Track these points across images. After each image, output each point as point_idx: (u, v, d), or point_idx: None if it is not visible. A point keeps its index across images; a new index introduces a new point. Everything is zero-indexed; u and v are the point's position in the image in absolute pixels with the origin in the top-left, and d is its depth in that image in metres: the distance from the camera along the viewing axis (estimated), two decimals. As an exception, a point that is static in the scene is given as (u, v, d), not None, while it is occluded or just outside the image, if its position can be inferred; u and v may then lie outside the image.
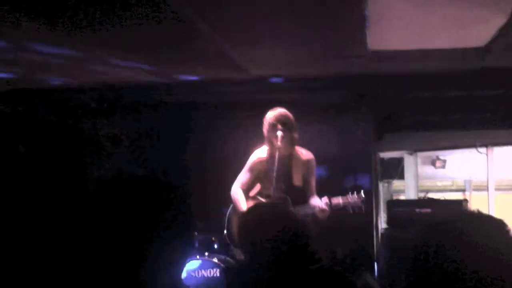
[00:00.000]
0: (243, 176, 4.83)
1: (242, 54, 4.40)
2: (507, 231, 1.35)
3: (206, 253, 5.19)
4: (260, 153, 4.80)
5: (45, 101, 5.76)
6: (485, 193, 7.53)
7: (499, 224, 1.38)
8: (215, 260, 5.08)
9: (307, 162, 4.75)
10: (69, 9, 3.33)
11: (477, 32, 3.99)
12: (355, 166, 5.91)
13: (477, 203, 7.75)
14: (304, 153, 4.76)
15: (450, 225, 1.39)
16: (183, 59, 4.56)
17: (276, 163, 4.45)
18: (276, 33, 3.89)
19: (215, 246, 5.31)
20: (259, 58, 4.53)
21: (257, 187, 4.86)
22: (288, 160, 4.64)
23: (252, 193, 4.86)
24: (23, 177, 5.29)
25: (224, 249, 5.24)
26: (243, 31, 3.84)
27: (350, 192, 4.56)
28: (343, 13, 3.52)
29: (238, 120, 5.69)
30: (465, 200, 5.75)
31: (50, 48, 4.22)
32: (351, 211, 4.53)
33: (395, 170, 8.00)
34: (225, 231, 4.99)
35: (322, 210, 4.50)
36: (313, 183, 4.76)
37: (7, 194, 4.95)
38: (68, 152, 5.82)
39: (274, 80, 5.33)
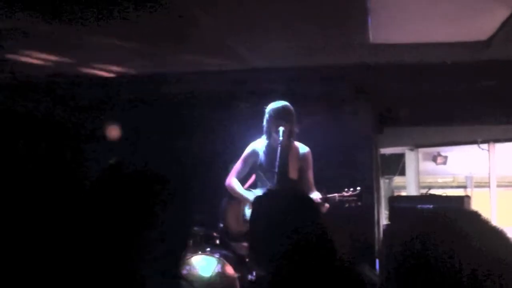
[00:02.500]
0: (238, 167, 4.82)
1: (241, 44, 4.38)
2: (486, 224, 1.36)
3: (208, 248, 5.17)
4: (256, 144, 4.79)
5: (40, 95, 5.75)
6: (486, 189, 7.53)
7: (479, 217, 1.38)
8: (217, 255, 5.07)
9: (304, 155, 4.76)
10: (67, 1, 3.33)
11: (480, 25, 3.97)
12: (355, 161, 5.90)
13: (478, 199, 7.74)
14: (301, 147, 4.77)
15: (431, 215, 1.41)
16: (183, 49, 4.55)
17: (277, 156, 4.45)
18: (276, 24, 3.88)
19: (217, 241, 5.29)
20: (259, 48, 4.52)
21: (251, 179, 4.85)
22: (285, 153, 4.63)
23: (245, 186, 4.86)
24: (18, 173, 5.27)
25: (226, 244, 5.22)
26: (243, 22, 3.83)
27: (346, 188, 4.59)
28: (345, 4, 3.51)
29: (237, 111, 5.67)
30: (467, 197, 5.74)
31: (46, 41, 4.22)
32: (346, 206, 4.56)
33: (396, 166, 8.00)
34: (221, 224, 4.97)
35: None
36: (310, 177, 4.76)
37: (3, 190, 4.94)
38: (63, 147, 5.81)
39: (275, 70, 5.32)
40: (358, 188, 4.60)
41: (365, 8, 3.50)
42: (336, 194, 4.58)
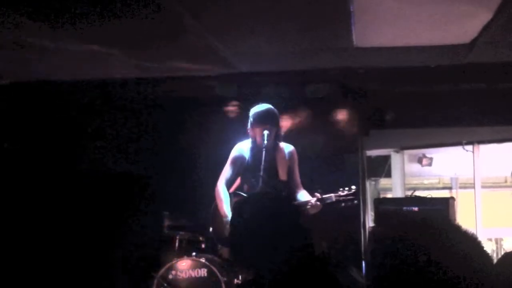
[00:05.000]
0: (226, 171, 4.80)
1: (228, 48, 4.39)
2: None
3: (194, 253, 5.16)
4: (242, 146, 4.79)
5: (34, 97, 5.73)
6: (471, 190, 7.56)
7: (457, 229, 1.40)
8: (203, 260, 5.05)
9: (290, 155, 4.77)
10: (58, 5, 3.32)
11: (463, 28, 4.00)
12: (342, 163, 5.91)
13: (463, 200, 7.79)
14: (286, 146, 4.78)
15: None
16: (171, 54, 4.55)
17: (262, 159, 4.45)
18: (262, 28, 3.89)
19: (202, 245, 5.28)
20: (245, 52, 4.53)
21: (237, 182, 4.84)
22: (272, 155, 4.63)
23: (232, 188, 4.84)
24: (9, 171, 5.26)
25: (212, 249, 5.21)
26: (230, 26, 3.84)
27: (341, 188, 4.59)
28: (329, 9, 3.52)
29: (225, 115, 5.67)
30: (452, 198, 5.76)
31: (40, 44, 4.20)
32: (343, 205, 4.56)
33: (382, 168, 8.01)
34: (210, 229, 4.97)
35: (314, 205, 4.50)
36: (297, 176, 4.78)
37: None
38: (56, 147, 5.79)
39: (260, 74, 5.34)
40: (353, 186, 4.61)
41: (348, 12, 3.51)
42: (332, 194, 4.57)
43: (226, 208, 4.71)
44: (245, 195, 4.75)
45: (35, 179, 5.23)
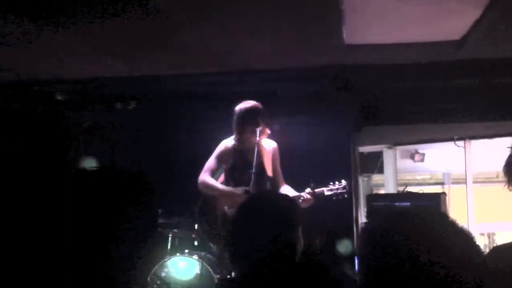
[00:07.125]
0: (211, 165, 4.73)
1: (219, 46, 4.39)
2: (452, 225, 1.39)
3: (186, 250, 5.16)
4: (228, 143, 4.74)
5: (21, 94, 5.71)
6: (463, 186, 7.60)
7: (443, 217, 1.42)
8: (195, 257, 5.06)
9: (273, 151, 4.74)
10: (48, 2, 3.32)
11: (453, 25, 4.02)
12: (334, 160, 5.92)
13: (455, 196, 7.83)
14: (269, 143, 4.74)
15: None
16: (160, 51, 4.55)
17: (255, 156, 4.42)
18: (253, 25, 3.89)
19: (195, 243, 5.28)
20: (236, 50, 4.53)
21: (221, 178, 4.80)
22: (259, 153, 4.60)
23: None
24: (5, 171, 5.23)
25: (205, 246, 5.21)
26: (221, 23, 3.84)
27: (332, 182, 4.59)
28: (320, 7, 3.53)
29: (215, 112, 5.67)
30: (444, 193, 5.77)
31: (28, 41, 4.20)
32: (334, 199, 4.56)
33: (375, 164, 8.03)
34: (195, 225, 4.94)
35: (306, 199, 4.48)
36: (280, 171, 4.75)
37: None
38: (43, 146, 5.77)
39: (252, 72, 5.34)
40: (343, 181, 4.62)
41: (339, 10, 3.52)
42: (324, 188, 4.57)
43: (221, 186, 4.65)
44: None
45: (30, 178, 5.21)
